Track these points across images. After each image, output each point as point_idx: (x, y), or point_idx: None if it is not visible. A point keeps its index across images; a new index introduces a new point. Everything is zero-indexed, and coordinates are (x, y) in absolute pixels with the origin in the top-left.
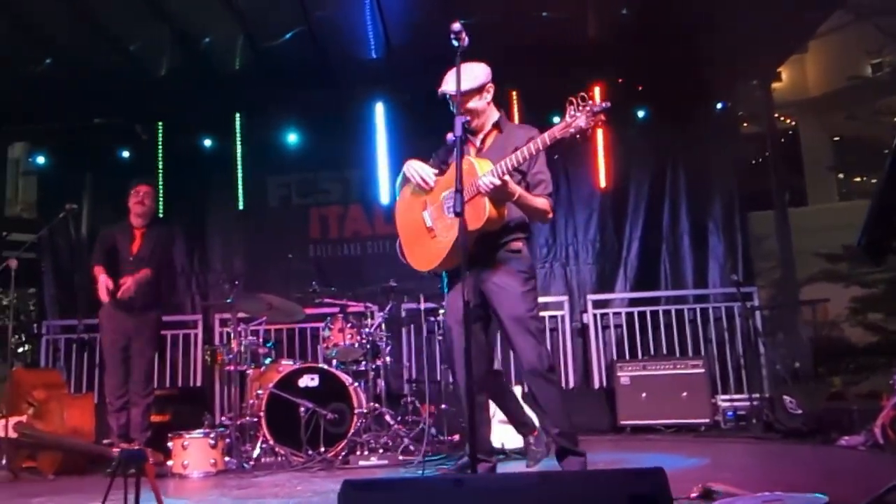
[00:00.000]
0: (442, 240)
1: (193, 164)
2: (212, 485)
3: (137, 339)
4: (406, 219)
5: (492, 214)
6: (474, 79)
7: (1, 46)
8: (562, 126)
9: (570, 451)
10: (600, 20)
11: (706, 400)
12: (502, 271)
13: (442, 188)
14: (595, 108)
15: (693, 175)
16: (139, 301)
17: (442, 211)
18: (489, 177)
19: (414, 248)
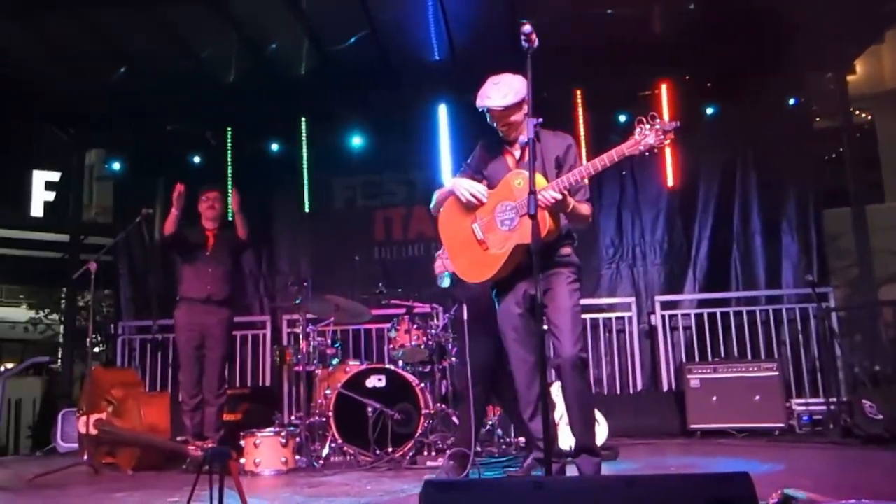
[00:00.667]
0: (496, 252)
1: (261, 169)
2: (283, 483)
3: (210, 337)
4: (452, 231)
5: (551, 227)
6: (516, 93)
7: (79, 57)
8: (631, 143)
9: (587, 449)
10: (666, 16)
11: (780, 404)
12: (552, 275)
13: (494, 201)
14: (666, 127)
15: (765, 172)
16: (218, 296)
17: (495, 224)
18: (550, 191)
19: (462, 259)
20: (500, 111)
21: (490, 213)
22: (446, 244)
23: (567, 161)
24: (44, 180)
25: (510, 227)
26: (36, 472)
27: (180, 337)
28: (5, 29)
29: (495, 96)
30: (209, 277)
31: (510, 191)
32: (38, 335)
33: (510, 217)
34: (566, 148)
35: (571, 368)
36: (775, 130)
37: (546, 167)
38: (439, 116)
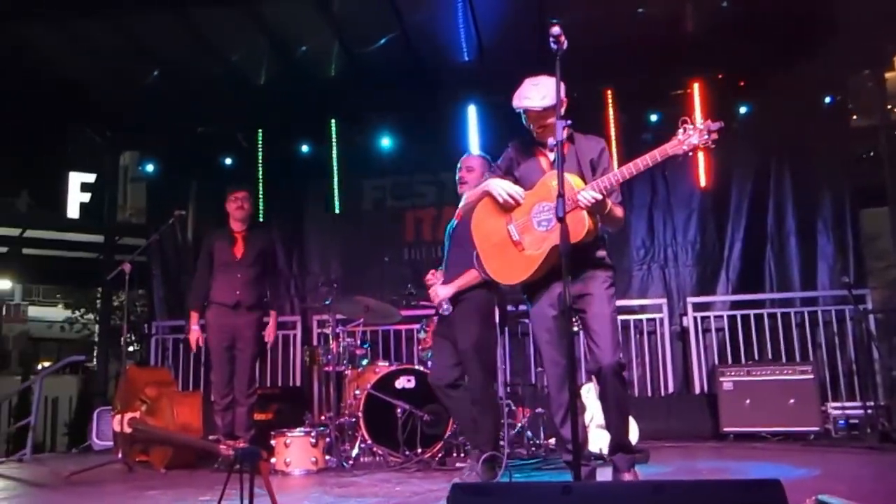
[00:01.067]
0: (532, 253)
1: (292, 170)
2: (313, 483)
3: (241, 338)
4: (485, 233)
5: (590, 227)
6: (550, 96)
7: (114, 61)
8: (674, 143)
9: (623, 447)
10: (698, 14)
11: (815, 407)
12: (588, 278)
13: (530, 202)
14: (711, 127)
15: (800, 172)
16: (247, 301)
17: (531, 225)
18: (590, 191)
19: (495, 261)
20: (539, 112)
21: (526, 214)
22: (479, 245)
23: (601, 164)
24: (79, 182)
25: (547, 228)
26: (72, 469)
27: (211, 337)
28: (44, 35)
29: (534, 97)
30: (238, 283)
31: (548, 191)
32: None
33: (547, 218)
34: (600, 151)
35: (613, 376)
36: (810, 129)
37: (582, 169)
38: (468, 117)
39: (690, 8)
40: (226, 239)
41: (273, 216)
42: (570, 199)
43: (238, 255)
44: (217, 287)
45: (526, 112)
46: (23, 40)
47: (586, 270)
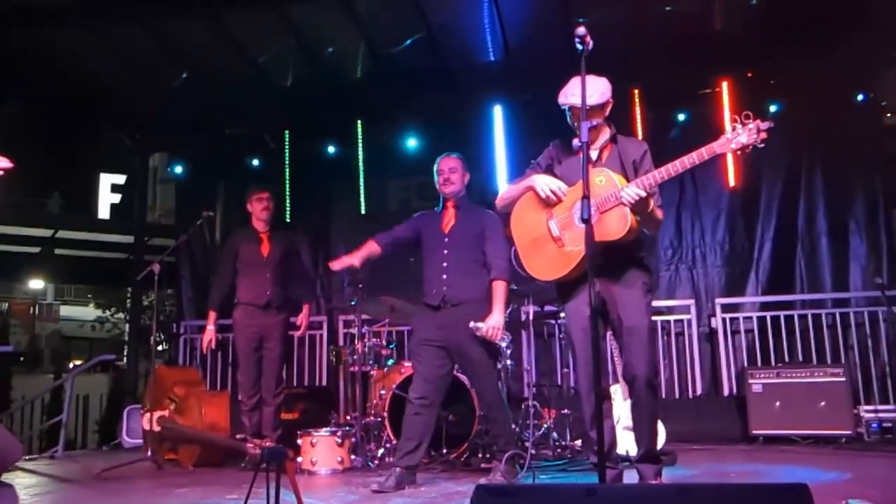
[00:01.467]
0: (572, 249)
1: (318, 171)
2: (339, 482)
3: (269, 338)
4: (525, 228)
5: (633, 225)
6: (601, 94)
7: (143, 64)
8: (722, 142)
9: (650, 456)
10: (727, 12)
11: (847, 410)
12: (628, 281)
13: (572, 199)
14: (761, 126)
15: (831, 171)
16: (277, 301)
17: (572, 221)
18: (634, 188)
19: (534, 257)
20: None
21: (568, 210)
22: (517, 241)
23: (643, 166)
24: (110, 183)
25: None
26: (102, 466)
27: (238, 337)
28: (75, 38)
29: (578, 94)
30: (268, 283)
31: (591, 187)
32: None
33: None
34: (643, 153)
35: (646, 387)
36: (842, 127)
37: (625, 170)
38: (494, 118)
39: (719, 5)
40: (251, 240)
41: (299, 217)
42: (613, 196)
43: (265, 254)
44: (245, 287)
45: (570, 109)
46: (54, 44)
47: (625, 271)
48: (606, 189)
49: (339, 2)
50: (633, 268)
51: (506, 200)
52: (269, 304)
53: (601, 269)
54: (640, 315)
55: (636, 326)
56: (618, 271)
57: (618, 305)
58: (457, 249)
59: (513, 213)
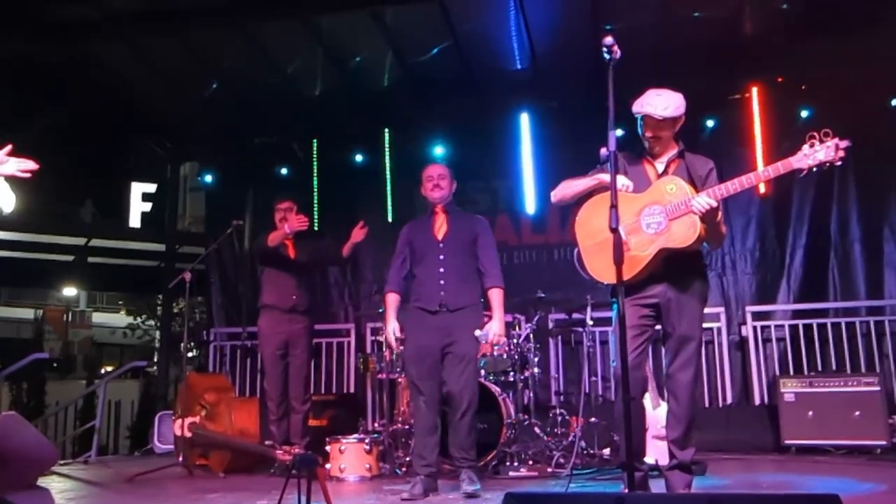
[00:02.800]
0: (638, 254)
1: (346, 179)
2: (367, 489)
3: (295, 344)
4: (591, 230)
5: (702, 233)
6: (676, 108)
7: (174, 74)
8: (799, 157)
9: (682, 465)
10: (758, 16)
11: (882, 420)
12: (689, 290)
13: (640, 205)
14: (841, 144)
15: (865, 177)
16: (302, 305)
17: (640, 226)
18: (706, 198)
19: (597, 259)
20: (658, 121)
21: (636, 215)
22: (581, 243)
23: (708, 181)
24: (141, 192)
25: (656, 231)
26: (135, 471)
27: (264, 345)
28: (110, 49)
29: (657, 105)
30: (294, 287)
31: (661, 195)
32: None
33: (657, 221)
34: (709, 170)
35: (688, 398)
36: (876, 132)
37: (694, 183)
38: (521, 125)
39: (749, 10)
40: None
41: (327, 225)
42: (684, 204)
43: (291, 260)
44: (270, 291)
45: (644, 118)
46: (88, 55)
47: (687, 279)
48: (677, 197)
49: (367, 11)
50: (694, 277)
51: (566, 194)
52: (294, 308)
53: (662, 276)
54: (694, 326)
55: (689, 336)
56: (679, 279)
57: (672, 313)
58: (453, 255)
59: (578, 215)
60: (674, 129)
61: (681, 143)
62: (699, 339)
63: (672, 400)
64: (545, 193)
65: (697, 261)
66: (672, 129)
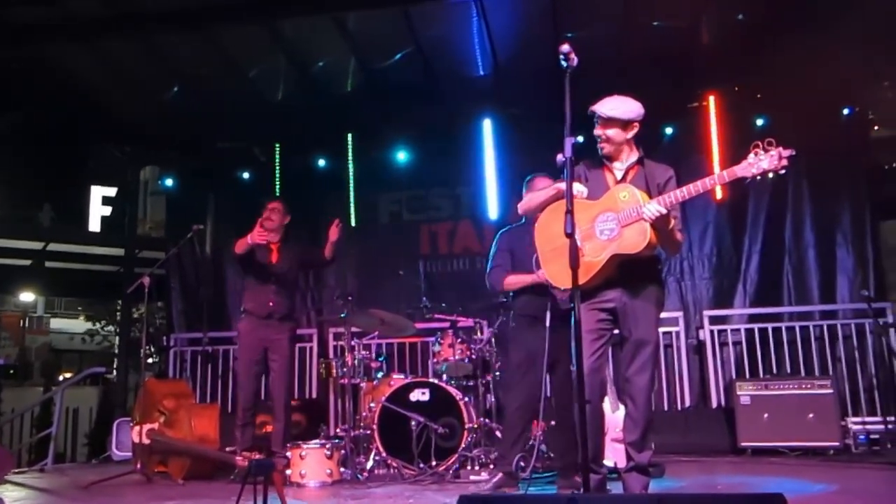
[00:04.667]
0: (592, 259)
1: (308, 184)
2: (328, 494)
3: (274, 350)
4: (548, 237)
5: (652, 240)
6: (622, 112)
7: (135, 77)
8: (744, 166)
9: (639, 467)
10: (715, 27)
11: (835, 422)
12: (643, 295)
13: (595, 212)
14: (783, 153)
15: (818, 184)
16: (280, 311)
17: (594, 233)
18: (655, 205)
19: (554, 264)
20: (603, 119)
21: (590, 222)
22: (540, 248)
23: (667, 189)
24: (101, 195)
25: (609, 237)
26: (92, 479)
27: (241, 349)
28: (66, 51)
29: (606, 105)
30: (271, 294)
31: (615, 202)
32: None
33: (610, 227)
34: (668, 178)
35: (645, 401)
36: (829, 140)
37: (650, 192)
38: (484, 131)
39: (706, 20)
40: (262, 249)
41: (289, 230)
42: (635, 211)
43: (273, 261)
44: (250, 296)
45: (594, 115)
46: (46, 56)
47: (641, 285)
48: (629, 204)
49: (330, 17)
50: (649, 282)
51: (530, 206)
52: (270, 315)
53: (617, 281)
54: (650, 330)
55: (645, 340)
56: (635, 285)
57: (629, 318)
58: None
59: (538, 221)
60: (625, 134)
61: (640, 150)
62: (655, 343)
63: (629, 403)
64: (508, 199)
65: (653, 266)
66: (622, 132)
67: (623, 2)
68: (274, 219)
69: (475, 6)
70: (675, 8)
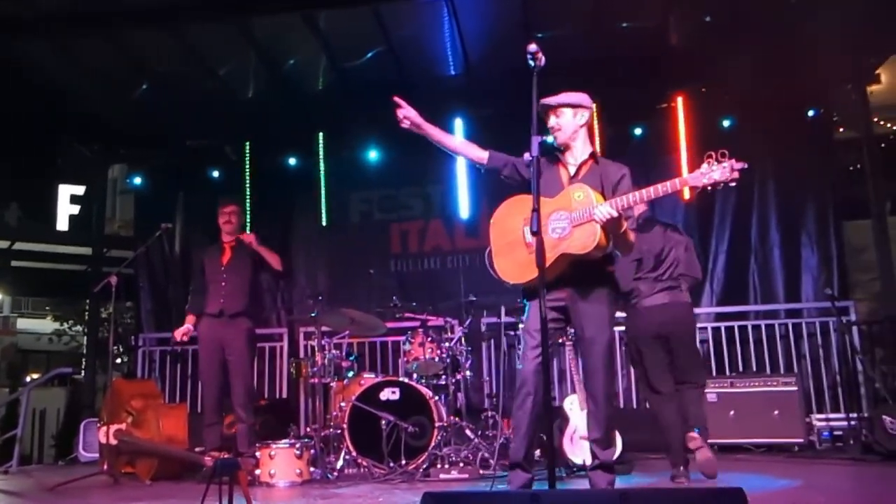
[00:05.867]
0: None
1: (279, 183)
2: (297, 494)
3: (230, 348)
4: (502, 230)
5: (601, 242)
6: (559, 100)
7: (103, 73)
8: (696, 175)
9: (604, 465)
10: (682, 28)
11: (799, 419)
12: (593, 295)
13: (549, 209)
14: (735, 166)
15: (784, 184)
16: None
17: (546, 230)
18: (607, 207)
19: (505, 259)
20: (552, 108)
21: (544, 219)
22: (493, 241)
23: (620, 188)
24: (69, 194)
25: (560, 236)
26: (57, 480)
27: (202, 350)
28: (34, 47)
29: (554, 97)
30: (223, 291)
31: (569, 201)
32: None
33: (562, 226)
34: (621, 176)
35: (603, 399)
36: (794, 142)
37: (604, 190)
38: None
39: (674, 22)
40: (216, 251)
41: (260, 228)
42: (587, 212)
43: (224, 262)
44: (206, 297)
45: (546, 111)
46: (13, 52)
47: (592, 284)
48: (582, 204)
49: (301, 15)
50: (599, 281)
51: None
52: (221, 313)
53: (568, 280)
54: (600, 328)
55: (596, 339)
56: (584, 284)
57: (579, 316)
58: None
59: (495, 215)
60: (574, 120)
61: (594, 147)
62: (607, 341)
63: (590, 401)
64: (479, 199)
65: (605, 266)
66: (572, 119)
67: (592, 3)
68: (233, 221)
69: (446, 6)
70: (642, 9)
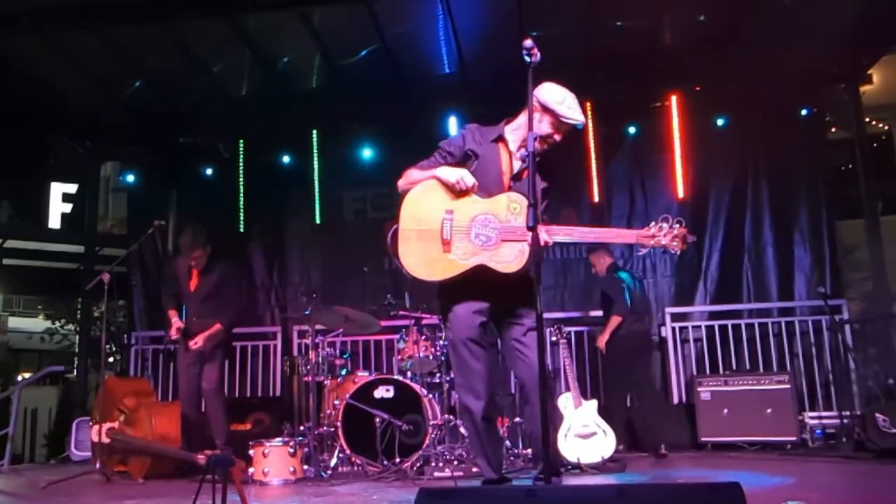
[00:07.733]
0: (457, 260)
1: (272, 181)
2: (291, 492)
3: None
4: (416, 212)
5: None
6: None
7: (96, 71)
8: (644, 233)
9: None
10: (676, 27)
11: (792, 417)
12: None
13: (477, 210)
14: (688, 239)
15: (777, 184)
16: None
17: (468, 233)
18: (544, 235)
19: (414, 247)
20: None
21: (469, 219)
22: (402, 221)
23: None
24: (61, 192)
25: (483, 245)
26: (49, 479)
27: (180, 360)
28: (26, 44)
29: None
30: (193, 316)
31: (502, 209)
32: (55, 345)
33: (488, 234)
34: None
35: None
36: (787, 141)
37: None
38: (449, 129)
39: (668, 21)
40: (187, 271)
41: (253, 226)
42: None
43: (191, 289)
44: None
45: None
46: (4, 49)
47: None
48: (514, 220)
49: (294, 12)
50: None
51: (409, 186)
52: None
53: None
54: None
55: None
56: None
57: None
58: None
59: (412, 192)
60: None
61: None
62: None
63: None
64: None
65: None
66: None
67: (587, 2)
68: (201, 264)
69: (441, 4)
70: (636, 8)
